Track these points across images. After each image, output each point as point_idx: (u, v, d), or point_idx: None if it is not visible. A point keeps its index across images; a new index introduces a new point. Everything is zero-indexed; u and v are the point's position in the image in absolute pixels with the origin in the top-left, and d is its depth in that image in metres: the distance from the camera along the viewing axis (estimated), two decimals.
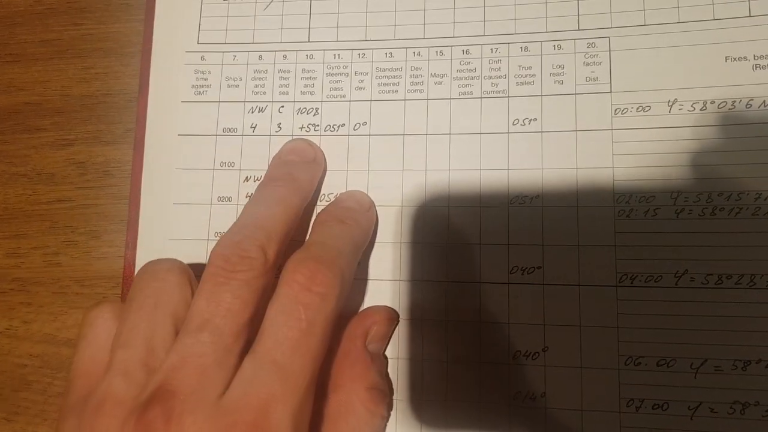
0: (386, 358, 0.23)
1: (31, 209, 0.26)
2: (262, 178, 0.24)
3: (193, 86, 0.26)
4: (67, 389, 0.19)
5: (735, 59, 0.23)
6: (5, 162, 0.27)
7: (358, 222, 0.23)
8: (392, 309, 0.23)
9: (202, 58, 0.26)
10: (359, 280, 0.24)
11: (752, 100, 0.23)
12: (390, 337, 0.23)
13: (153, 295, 0.19)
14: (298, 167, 0.23)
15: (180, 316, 0.19)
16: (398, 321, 0.23)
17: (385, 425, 0.22)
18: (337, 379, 0.21)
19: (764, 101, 0.23)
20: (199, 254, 0.24)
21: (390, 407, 0.23)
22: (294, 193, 0.22)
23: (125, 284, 0.25)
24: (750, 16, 0.23)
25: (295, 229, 0.22)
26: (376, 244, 0.24)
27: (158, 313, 0.19)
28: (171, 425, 0.16)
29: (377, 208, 0.24)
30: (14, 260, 0.26)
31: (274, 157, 0.24)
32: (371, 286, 0.24)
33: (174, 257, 0.24)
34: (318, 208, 0.24)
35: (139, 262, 0.25)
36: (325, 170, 0.25)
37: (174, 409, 0.16)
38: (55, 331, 0.25)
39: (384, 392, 0.21)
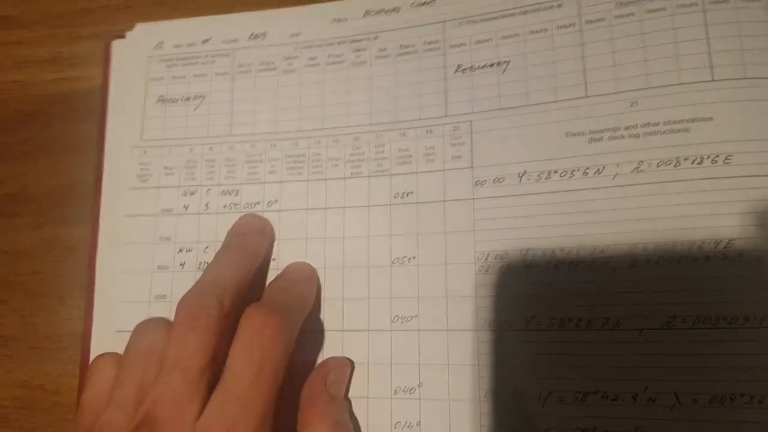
0: (349, 400, 0.27)
1: (11, 280, 0.32)
2: (220, 247, 0.28)
3: (137, 175, 0.31)
4: (77, 420, 0.24)
5: (573, 134, 0.28)
6: None
7: (301, 290, 0.27)
8: (346, 358, 0.27)
9: (145, 152, 0.32)
10: (316, 330, 0.28)
11: (588, 168, 0.27)
12: (347, 382, 0.27)
13: (143, 346, 0.24)
14: (248, 237, 0.28)
15: None
16: (353, 367, 0.27)
17: None
18: (304, 420, 0.25)
19: (598, 169, 0.27)
20: (141, 313, 0.29)
21: None
22: (245, 258, 0.27)
23: (85, 340, 0.30)
24: (587, 96, 0.28)
25: (248, 288, 0.26)
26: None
27: (147, 360, 0.24)
28: None
29: None
30: None
31: (229, 230, 0.29)
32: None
33: (123, 317, 0.29)
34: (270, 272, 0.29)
35: (96, 322, 0.30)
36: (273, 238, 0.30)
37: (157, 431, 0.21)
38: (30, 379, 0.31)
39: (346, 428, 0.25)
